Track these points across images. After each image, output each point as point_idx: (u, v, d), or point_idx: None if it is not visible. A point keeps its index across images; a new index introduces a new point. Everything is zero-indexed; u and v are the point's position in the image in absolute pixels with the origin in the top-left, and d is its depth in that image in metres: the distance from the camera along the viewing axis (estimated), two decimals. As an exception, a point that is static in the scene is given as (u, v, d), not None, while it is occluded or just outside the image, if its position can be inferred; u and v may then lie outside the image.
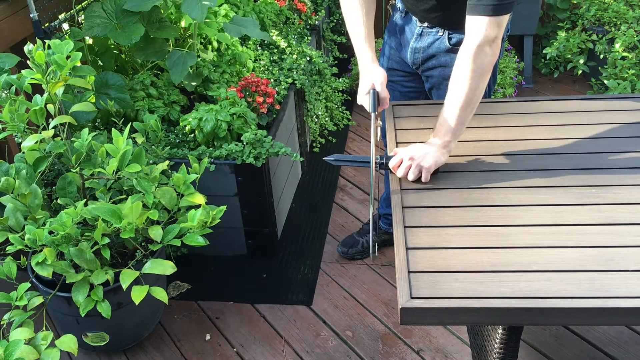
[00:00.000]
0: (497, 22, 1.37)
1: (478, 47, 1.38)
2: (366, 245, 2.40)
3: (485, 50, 1.39)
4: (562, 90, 3.71)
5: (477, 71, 1.40)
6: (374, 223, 2.42)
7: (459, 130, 1.46)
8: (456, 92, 1.43)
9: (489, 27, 1.37)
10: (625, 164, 1.46)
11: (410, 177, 1.44)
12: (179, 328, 2.15)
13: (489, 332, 1.45)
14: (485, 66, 1.41)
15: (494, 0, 1.35)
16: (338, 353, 2.02)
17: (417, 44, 1.80)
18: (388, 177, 2.29)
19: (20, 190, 1.70)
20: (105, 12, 2.19)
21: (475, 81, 1.41)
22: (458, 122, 1.45)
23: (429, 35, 1.76)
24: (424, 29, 1.76)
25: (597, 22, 3.53)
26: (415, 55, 1.83)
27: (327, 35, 3.67)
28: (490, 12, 1.36)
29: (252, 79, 2.41)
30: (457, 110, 1.44)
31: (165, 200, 1.75)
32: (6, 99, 1.75)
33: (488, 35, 1.38)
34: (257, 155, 2.14)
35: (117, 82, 2.12)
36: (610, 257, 1.17)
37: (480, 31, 1.38)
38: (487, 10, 1.36)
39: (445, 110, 1.46)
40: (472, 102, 1.44)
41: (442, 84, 1.82)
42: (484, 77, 1.42)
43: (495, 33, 1.38)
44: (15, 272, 1.61)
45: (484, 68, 1.41)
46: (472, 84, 1.41)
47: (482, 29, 1.37)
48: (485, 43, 1.38)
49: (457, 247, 1.23)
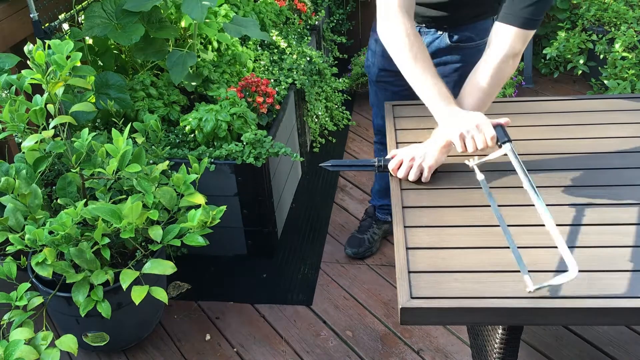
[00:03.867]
0: (525, 37, 1.37)
1: (504, 56, 1.38)
2: (372, 239, 2.42)
3: (508, 62, 1.39)
4: (562, 90, 3.71)
5: (497, 81, 1.41)
6: (370, 217, 2.43)
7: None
8: (471, 97, 1.43)
9: (517, 39, 1.37)
10: (626, 163, 1.46)
11: (411, 178, 1.44)
12: (179, 328, 2.15)
13: (489, 332, 1.45)
14: (505, 78, 1.42)
15: (528, 15, 1.34)
16: (338, 353, 2.02)
17: None
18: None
19: (20, 190, 1.70)
20: (105, 12, 2.19)
21: (492, 90, 1.42)
22: None
23: (427, 35, 1.75)
24: (421, 29, 1.75)
25: (597, 22, 3.53)
26: None
27: (327, 35, 3.67)
28: (522, 25, 1.36)
29: (252, 79, 2.41)
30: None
31: (165, 200, 1.75)
32: (6, 99, 1.75)
33: (514, 48, 1.38)
34: (257, 155, 2.14)
35: (117, 82, 2.12)
36: (610, 257, 1.17)
37: (508, 42, 1.37)
38: (520, 22, 1.36)
39: None
40: (482, 109, 1.44)
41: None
42: (500, 87, 1.44)
43: (521, 47, 1.39)
44: (15, 272, 1.61)
45: (504, 79, 1.42)
46: (488, 92, 1.42)
47: (510, 40, 1.37)
48: (510, 55, 1.38)
49: (457, 247, 1.23)
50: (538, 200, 1.21)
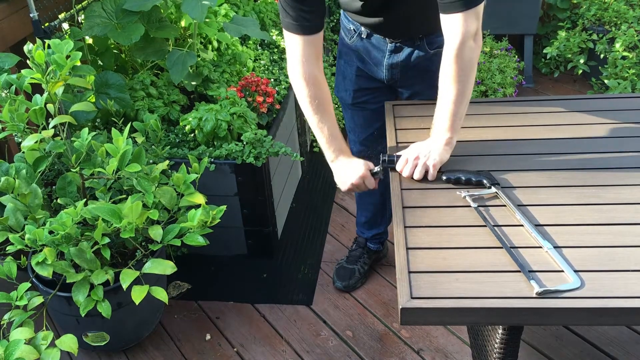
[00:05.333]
0: (475, 14, 1.34)
1: (461, 44, 1.36)
2: (362, 270, 2.29)
3: (469, 45, 1.36)
4: (562, 90, 3.71)
5: (466, 68, 1.39)
6: (361, 248, 2.31)
7: (458, 125, 1.46)
8: (448, 90, 1.42)
9: (467, 21, 1.34)
10: (626, 163, 1.46)
11: (416, 176, 1.44)
12: (179, 328, 2.15)
13: (489, 332, 1.45)
14: (473, 61, 1.39)
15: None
16: (338, 353, 2.02)
17: (393, 60, 1.72)
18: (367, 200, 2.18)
19: (20, 190, 1.70)
20: (105, 12, 2.19)
21: (465, 78, 1.40)
22: (456, 118, 1.44)
23: (404, 49, 1.70)
24: (396, 44, 1.70)
25: (598, 21, 3.53)
26: (392, 71, 1.75)
27: (327, 35, 3.67)
28: (464, 7, 1.33)
29: (252, 78, 2.41)
30: (452, 106, 1.43)
31: (165, 200, 1.75)
32: (6, 98, 1.75)
33: (469, 30, 1.35)
34: (257, 155, 2.14)
35: (117, 81, 2.12)
36: (610, 257, 1.17)
37: (459, 28, 1.35)
38: (460, 6, 1.33)
39: (441, 108, 1.46)
40: (466, 95, 1.43)
41: (427, 89, 1.73)
42: (473, 70, 1.41)
43: (476, 25, 1.36)
44: (15, 272, 1.61)
45: (472, 63, 1.39)
46: (462, 80, 1.40)
47: (460, 25, 1.34)
48: (467, 38, 1.36)
49: (457, 247, 1.23)
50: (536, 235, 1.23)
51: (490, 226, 1.27)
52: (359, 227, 2.31)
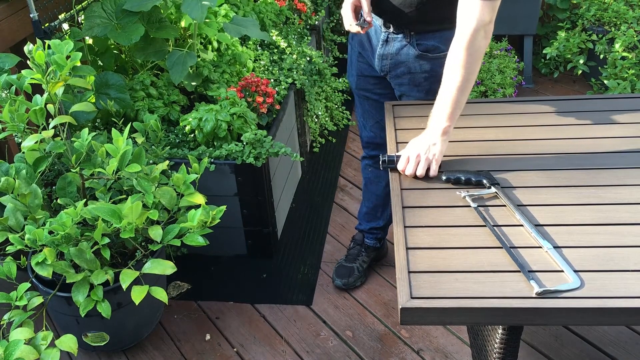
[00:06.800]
0: (492, 6, 1.37)
1: (474, 31, 1.38)
2: (361, 268, 2.30)
3: (480, 34, 1.39)
4: (562, 90, 3.71)
5: (474, 56, 1.41)
6: (358, 244, 2.33)
7: (456, 115, 1.47)
8: (453, 77, 1.44)
9: (484, 10, 1.37)
10: (625, 164, 1.46)
11: (419, 173, 1.44)
12: (179, 328, 2.15)
13: (489, 332, 1.45)
14: (481, 50, 1.41)
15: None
16: (338, 353, 2.02)
17: (384, 51, 1.78)
18: (371, 189, 2.22)
19: (20, 190, 1.70)
20: (105, 12, 2.19)
21: (472, 66, 1.42)
22: (456, 107, 1.46)
23: (395, 41, 1.74)
24: (389, 35, 1.75)
25: (597, 22, 3.53)
26: (383, 62, 1.81)
27: (327, 35, 3.67)
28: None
29: (252, 79, 2.41)
30: (455, 94, 1.44)
31: (165, 200, 1.75)
32: (6, 99, 1.75)
33: (483, 19, 1.37)
34: (257, 155, 2.14)
35: (117, 82, 2.12)
36: (610, 257, 1.17)
37: (475, 15, 1.37)
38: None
39: (443, 95, 1.47)
40: (469, 85, 1.45)
41: (412, 91, 1.82)
42: (479, 60, 1.43)
43: (490, 17, 1.38)
44: (15, 272, 1.61)
45: (480, 52, 1.41)
46: (468, 69, 1.42)
47: (477, 13, 1.37)
48: (480, 27, 1.38)
49: (457, 247, 1.23)
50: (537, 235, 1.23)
51: (490, 226, 1.27)
52: (359, 218, 2.35)
